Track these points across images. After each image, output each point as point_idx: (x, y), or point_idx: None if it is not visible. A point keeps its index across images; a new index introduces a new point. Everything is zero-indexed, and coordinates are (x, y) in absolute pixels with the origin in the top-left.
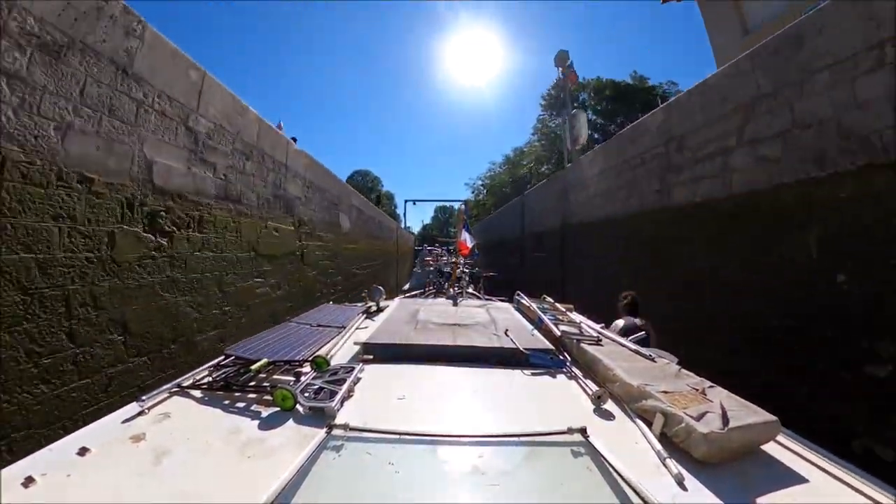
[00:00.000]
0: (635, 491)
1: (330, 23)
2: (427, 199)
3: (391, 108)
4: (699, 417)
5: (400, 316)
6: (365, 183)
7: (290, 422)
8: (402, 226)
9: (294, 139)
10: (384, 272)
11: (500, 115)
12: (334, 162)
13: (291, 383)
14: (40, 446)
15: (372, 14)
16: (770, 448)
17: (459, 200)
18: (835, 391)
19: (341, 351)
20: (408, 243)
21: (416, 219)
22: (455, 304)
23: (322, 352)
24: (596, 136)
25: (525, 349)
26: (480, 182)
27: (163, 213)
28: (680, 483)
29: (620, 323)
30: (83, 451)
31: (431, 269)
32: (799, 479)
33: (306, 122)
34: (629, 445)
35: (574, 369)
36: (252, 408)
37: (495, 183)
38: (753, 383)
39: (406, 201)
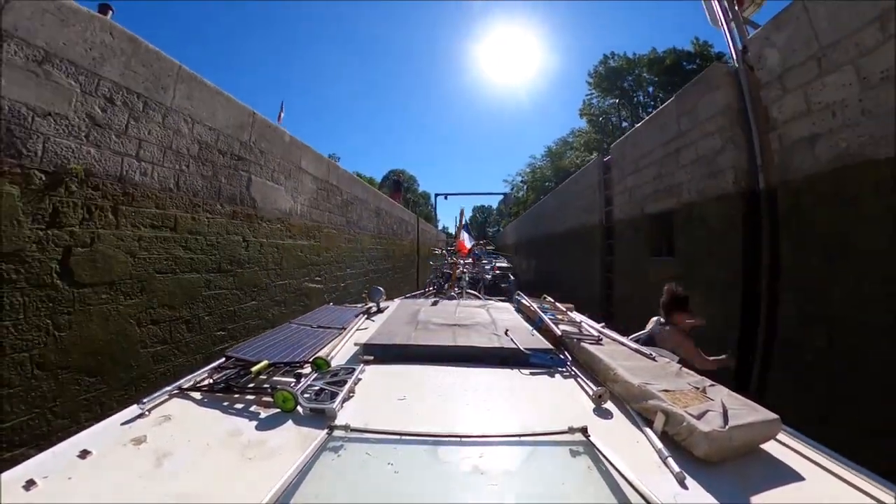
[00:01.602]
0: (636, 490)
1: (366, 25)
2: (458, 192)
3: (428, 108)
4: (700, 416)
5: (400, 316)
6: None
7: (291, 423)
8: (440, 227)
9: None
10: (400, 279)
11: (537, 114)
12: (370, 163)
13: (292, 385)
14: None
15: (407, 14)
16: (771, 447)
17: (494, 193)
18: None
19: (342, 352)
20: (436, 243)
21: (450, 217)
22: (455, 305)
23: (322, 353)
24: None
25: (525, 349)
26: (520, 178)
27: None
28: (681, 482)
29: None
30: (84, 454)
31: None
32: (800, 478)
33: (343, 123)
34: (630, 445)
35: (574, 369)
36: (252, 409)
37: (537, 178)
38: None
39: (436, 195)
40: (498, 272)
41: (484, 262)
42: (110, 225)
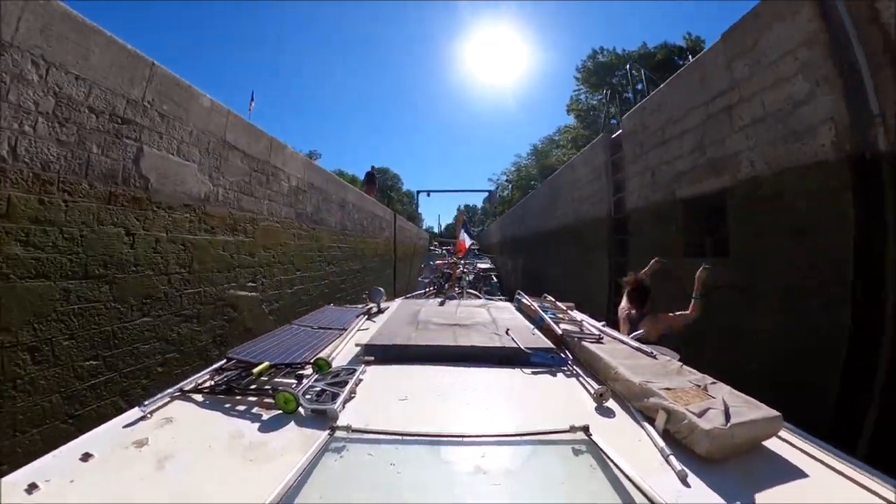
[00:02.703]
0: (638, 488)
1: (350, 22)
2: (441, 189)
3: (413, 108)
4: (702, 414)
5: (401, 317)
6: (385, 181)
7: (293, 424)
8: (423, 226)
9: None
10: (372, 282)
11: (523, 113)
12: (354, 161)
13: (293, 386)
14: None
15: (391, 13)
16: (773, 444)
17: (478, 190)
18: None
19: (343, 352)
20: (417, 242)
21: (434, 216)
22: (456, 305)
23: (323, 354)
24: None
25: (526, 348)
26: (505, 177)
27: None
28: (683, 480)
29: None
30: (86, 457)
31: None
32: (802, 475)
33: (327, 121)
34: (632, 443)
35: (576, 368)
36: (254, 411)
37: (522, 176)
38: None
39: (418, 192)
40: (481, 274)
41: (464, 261)
42: None
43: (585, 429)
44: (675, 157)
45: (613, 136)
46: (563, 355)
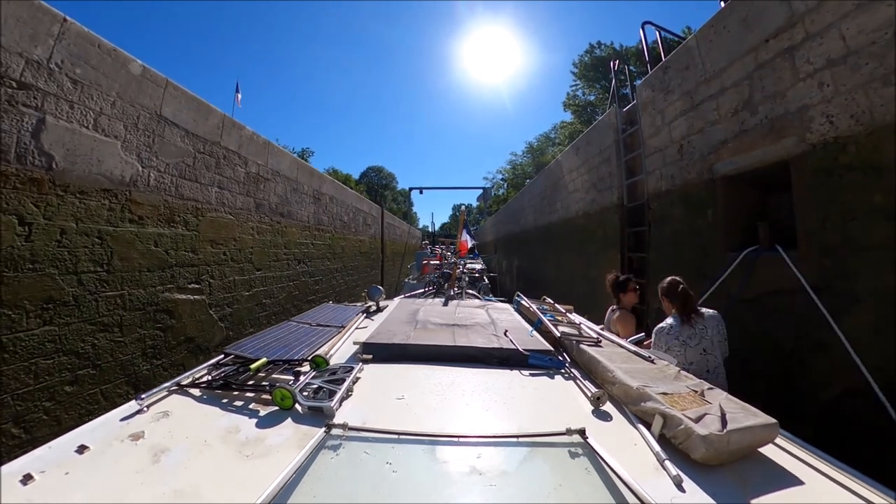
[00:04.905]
0: (633, 492)
1: (345, 20)
2: (434, 186)
3: (410, 107)
4: (698, 419)
5: (399, 316)
6: (379, 180)
7: (289, 421)
8: (420, 224)
9: None
10: (355, 282)
11: (519, 112)
12: (349, 160)
13: (290, 382)
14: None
15: (391, 12)
16: (769, 450)
17: (471, 188)
18: None
19: (340, 350)
20: (409, 240)
21: (428, 215)
22: (455, 305)
23: (321, 351)
24: None
25: (524, 350)
26: (501, 176)
27: None
28: (678, 485)
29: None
30: (82, 449)
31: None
32: (797, 482)
33: (323, 119)
34: (628, 447)
35: (573, 370)
36: (251, 407)
37: (517, 174)
38: None
39: (411, 189)
40: (472, 275)
41: (454, 262)
42: None
43: (582, 432)
44: (710, 123)
45: (627, 108)
46: (561, 358)
